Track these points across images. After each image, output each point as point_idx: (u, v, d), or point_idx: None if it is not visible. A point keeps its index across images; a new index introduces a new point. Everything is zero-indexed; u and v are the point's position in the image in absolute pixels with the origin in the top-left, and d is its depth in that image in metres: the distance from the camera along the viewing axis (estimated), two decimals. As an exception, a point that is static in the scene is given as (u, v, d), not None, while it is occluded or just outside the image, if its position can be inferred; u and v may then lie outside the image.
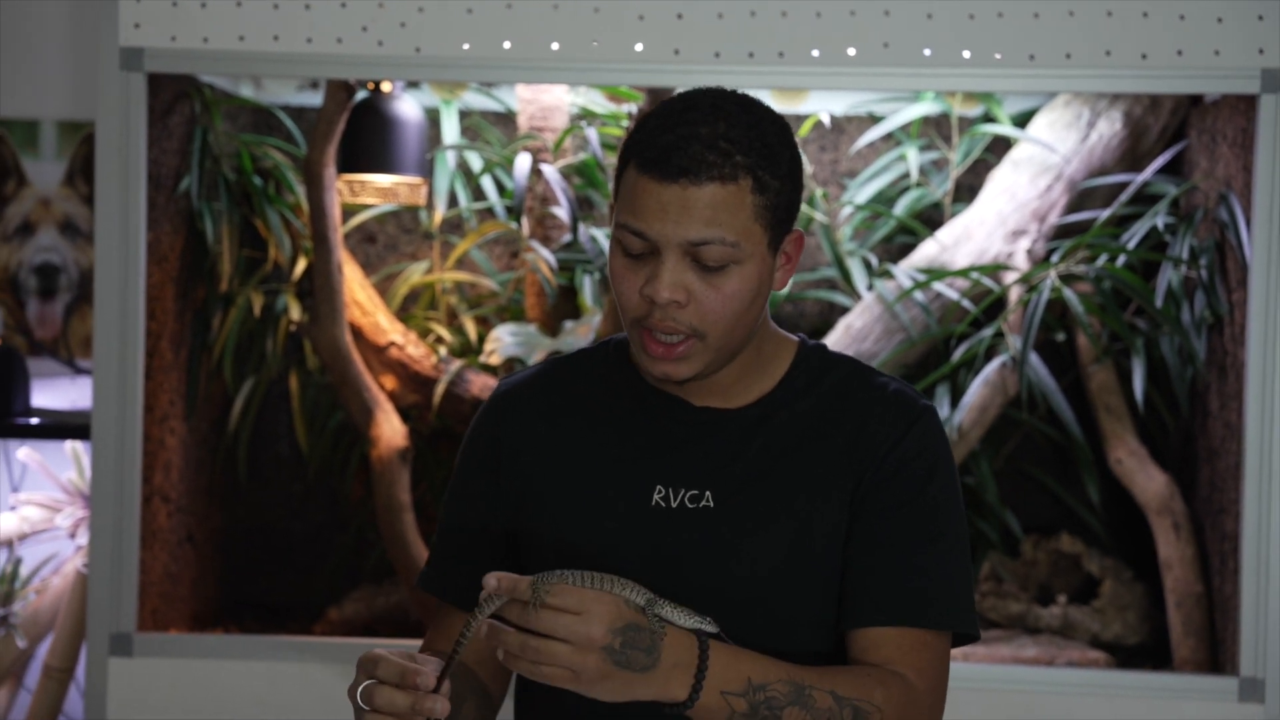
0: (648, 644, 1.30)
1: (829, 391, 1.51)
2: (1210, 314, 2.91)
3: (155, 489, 2.96)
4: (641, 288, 1.41)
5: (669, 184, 1.38)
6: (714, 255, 1.39)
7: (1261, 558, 2.59)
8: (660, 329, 1.41)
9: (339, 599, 3.17)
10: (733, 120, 1.40)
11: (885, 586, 1.44)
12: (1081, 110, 3.13)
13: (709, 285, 1.40)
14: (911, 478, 1.46)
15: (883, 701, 1.38)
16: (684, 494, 1.47)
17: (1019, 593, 3.11)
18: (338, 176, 3.01)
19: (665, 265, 1.40)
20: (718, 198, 1.38)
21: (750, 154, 1.39)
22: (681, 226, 1.38)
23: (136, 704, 2.71)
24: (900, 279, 3.08)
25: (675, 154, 1.38)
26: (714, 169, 1.38)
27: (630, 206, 1.40)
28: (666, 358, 1.42)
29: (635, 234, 1.40)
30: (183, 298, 3.06)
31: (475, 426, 1.58)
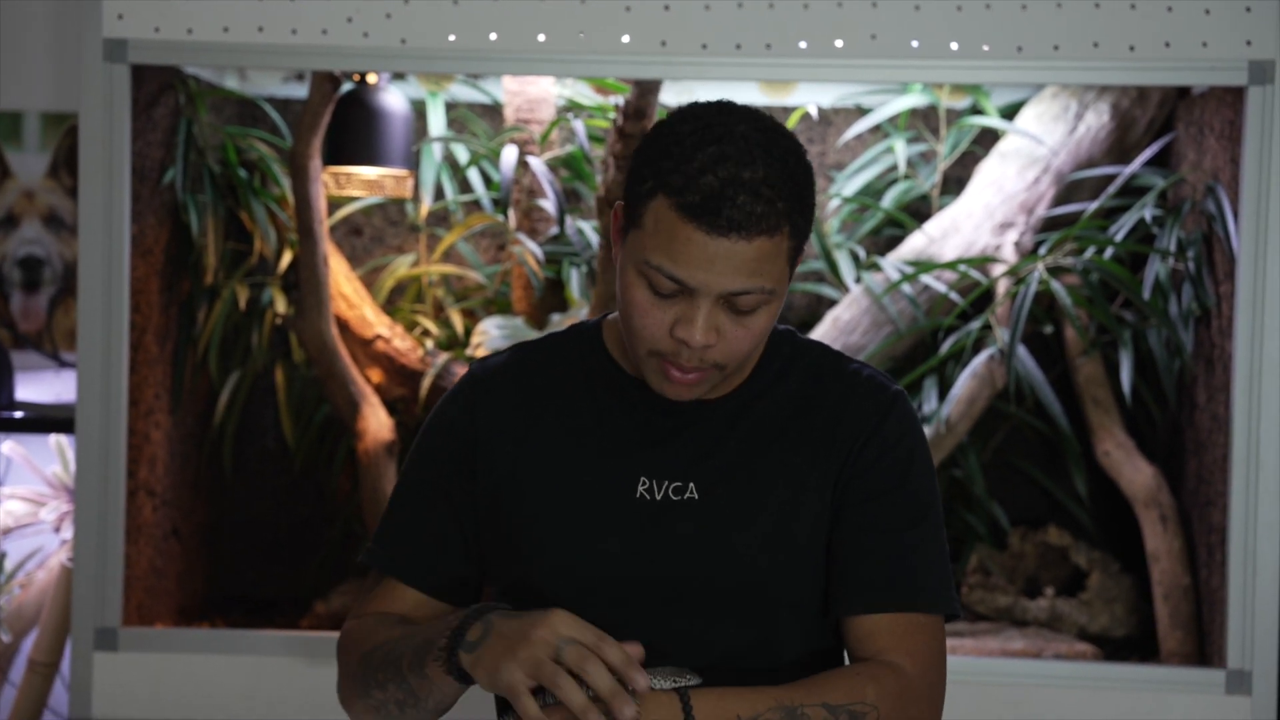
0: None
1: (803, 379, 1.52)
2: (1197, 306, 2.91)
3: (140, 483, 2.95)
4: (672, 329, 1.39)
5: (718, 238, 1.35)
6: (750, 302, 1.39)
7: (1249, 550, 2.59)
8: (685, 367, 1.41)
9: (326, 593, 3.16)
10: (770, 160, 1.36)
11: (876, 573, 1.46)
12: (1069, 102, 3.12)
13: (738, 325, 1.40)
14: (893, 465, 1.48)
15: (876, 698, 1.39)
16: (668, 486, 1.47)
17: (1006, 585, 3.11)
18: (323, 169, 2.99)
19: (701, 311, 1.38)
20: (763, 250, 1.37)
21: (789, 199, 1.37)
22: (725, 279, 1.37)
23: (122, 699, 2.70)
24: (888, 271, 3.07)
25: (724, 205, 1.34)
26: (762, 221, 1.35)
27: (668, 251, 1.36)
28: (684, 384, 1.42)
29: (671, 279, 1.37)
30: (167, 291, 3.04)
31: (445, 411, 1.55)
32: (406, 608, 1.54)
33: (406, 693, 1.42)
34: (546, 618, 1.32)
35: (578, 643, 1.30)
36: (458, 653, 1.35)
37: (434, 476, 1.54)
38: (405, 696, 1.43)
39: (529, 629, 1.31)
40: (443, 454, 1.54)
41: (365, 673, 1.46)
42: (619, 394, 1.51)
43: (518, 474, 1.50)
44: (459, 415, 1.54)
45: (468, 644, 1.35)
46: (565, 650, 1.29)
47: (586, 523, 1.47)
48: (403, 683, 1.42)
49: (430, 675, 1.38)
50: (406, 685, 1.42)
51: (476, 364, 1.58)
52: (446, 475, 1.53)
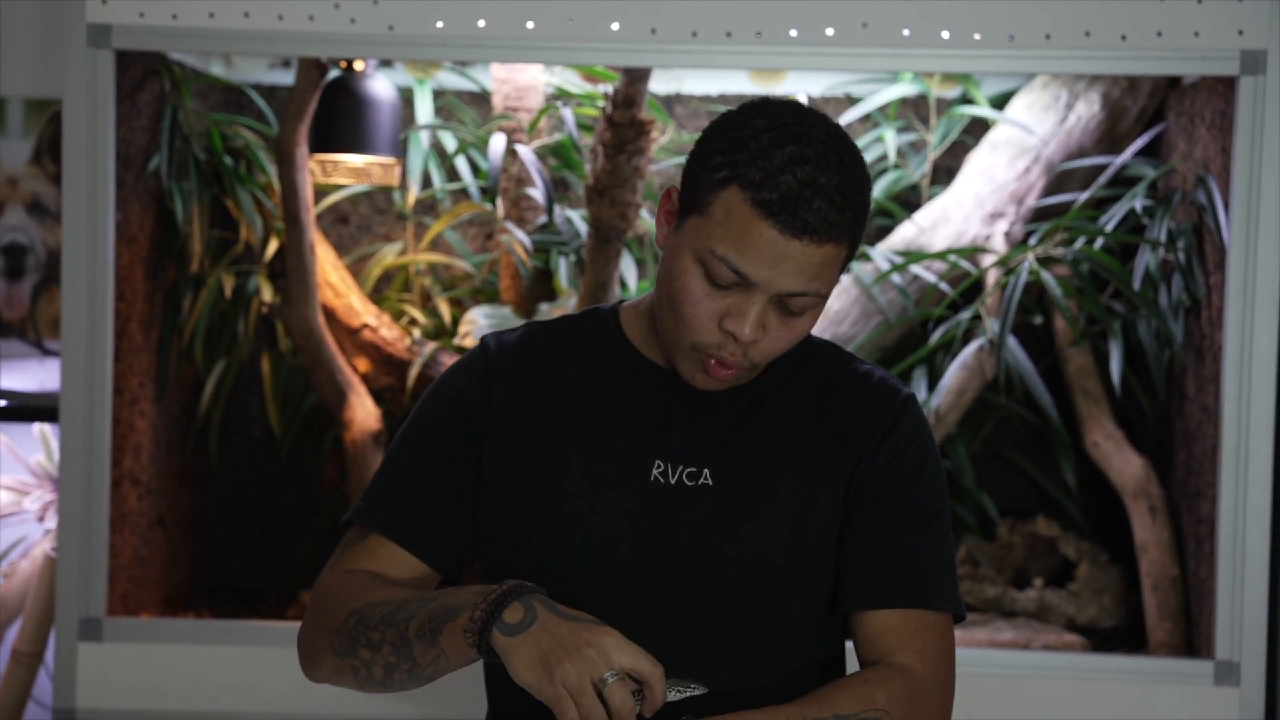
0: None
1: (817, 375, 1.53)
2: (1188, 297, 2.90)
3: (125, 472, 2.93)
4: (721, 319, 1.39)
5: (792, 239, 1.36)
6: (802, 304, 1.40)
7: (1238, 541, 2.59)
8: (727, 362, 1.41)
9: (312, 583, 3.15)
10: (844, 168, 1.37)
11: (888, 570, 1.47)
12: (1060, 92, 3.11)
13: (784, 325, 1.41)
14: (906, 466, 1.50)
15: (887, 702, 1.40)
16: (682, 470, 1.47)
17: (995, 576, 3.10)
18: (310, 156, 2.97)
19: (755, 306, 1.39)
20: (828, 257, 1.38)
21: (856, 209, 1.38)
22: (788, 279, 1.37)
23: (107, 689, 2.69)
24: (878, 261, 3.06)
25: (801, 207, 1.35)
26: (834, 229, 1.36)
27: (736, 243, 1.36)
28: (720, 378, 1.43)
29: (735, 271, 1.37)
30: (152, 279, 3.02)
31: (454, 381, 1.53)
32: (390, 569, 1.49)
33: (402, 656, 1.38)
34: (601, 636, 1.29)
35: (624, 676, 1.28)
36: (492, 629, 1.31)
37: (437, 443, 1.51)
38: (399, 660, 1.39)
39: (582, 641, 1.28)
40: (450, 422, 1.51)
41: (353, 630, 1.41)
42: (637, 378, 1.51)
43: (530, 449, 1.49)
44: (470, 385, 1.52)
45: (506, 625, 1.31)
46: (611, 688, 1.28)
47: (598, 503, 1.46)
48: (403, 646, 1.38)
49: (444, 645, 1.35)
50: (407, 650, 1.37)
51: (490, 337, 1.56)
52: (451, 443, 1.50)
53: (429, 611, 1.36)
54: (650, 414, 1.49)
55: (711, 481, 1.46)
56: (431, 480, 1.51)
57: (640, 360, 1.51)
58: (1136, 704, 2.63)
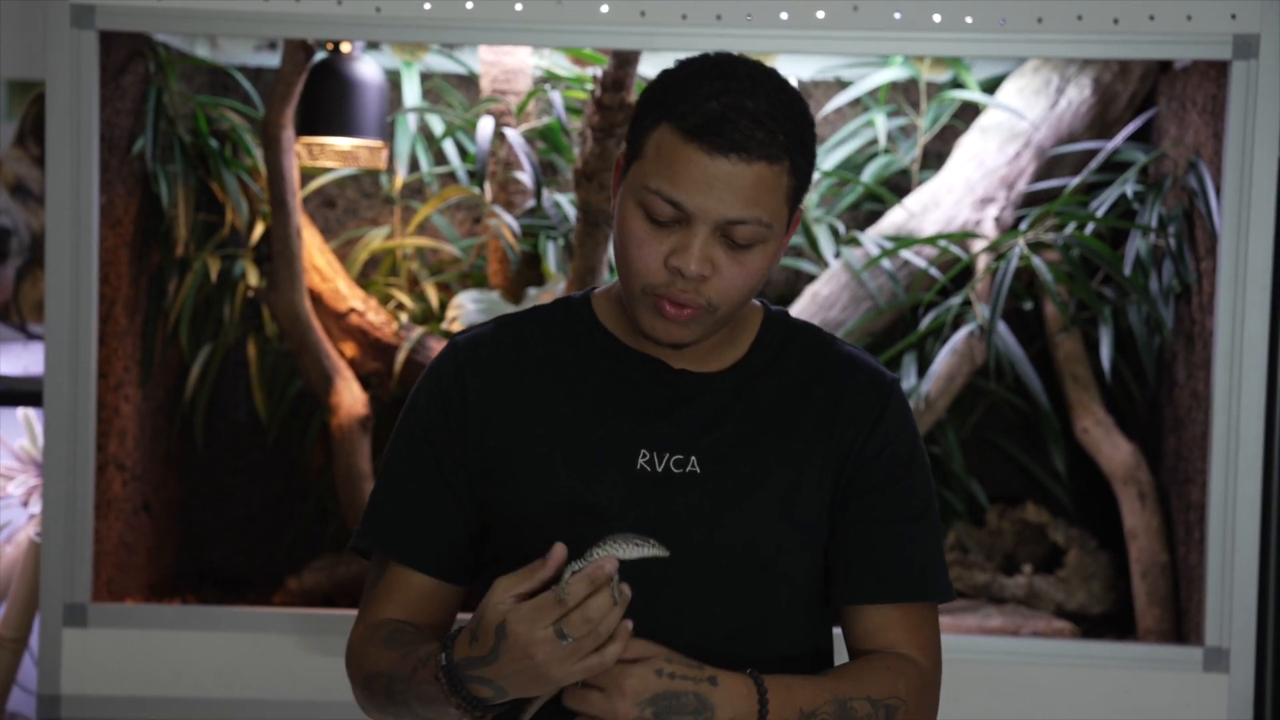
0: (693, 706, 1.32)
1: (799, 359, 1.51)
2: (1178, 283, 2.89)
3: (110, 457, 2.91)
4: (667, 257, 1.38)
5: (719, 157, 1.35)
6: (746, 234, 1.38)
7: (1228, 527, 2.58)
8: (679, 299, 1.39)
9: (299, 569, 3.13)
10: (772, 96, 1.38)
11: (885, 564, 1.47)
12: (1050, 76, 3.10)
13: (734, 262, 1.39)
14: (897, 456, 1.49)
15: (905, 693, 1.43)
16: (669, 458, 1.46)
17: (984, 562, 3.10)
18: (296, 139, 2.95)
19: (697, 238, 1.37)
20: (763, 178, 1.36)
21: (790, 134, 1.38)
22: (724, 203, 1.36)
23: (91, 675, 2.68)
24: (868, 246, 3.05)
25: (726, 125, 1.35)
26: (764, 147, 1.36)
27: (667, 173, 1.37)
28: (677, 320, 1.41)
29: (670, 202, 1.37)
30: (137, 262, 3.00)
31: (433, 382, 1.51)
32: (410, 596, 1.49)
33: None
34: (514, 642, 1.29)
35: (557, 621, 1.28)
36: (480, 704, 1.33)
37: (426, 452, 1.50)
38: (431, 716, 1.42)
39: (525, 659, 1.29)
40: (432, 429, 1.50)
41: (375, 705, 1.46)
42: (616, 365, 1.49)
43: (511, 445, 1.47)
44: (446, 387, 1.50)
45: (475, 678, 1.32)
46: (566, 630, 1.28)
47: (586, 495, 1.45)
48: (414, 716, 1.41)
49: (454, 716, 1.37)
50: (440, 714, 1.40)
51: (458, 335, 1.55)
52: (439, 450, 1.49)
53: (416, 693, 1.38)
54: (632, 401, 1.47)
55: (699, 469, 1.45)
56: (427, 494, 1.49)
57: (617, 345, 1.49)
58: (1125, 690, 2.62)
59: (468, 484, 1.49)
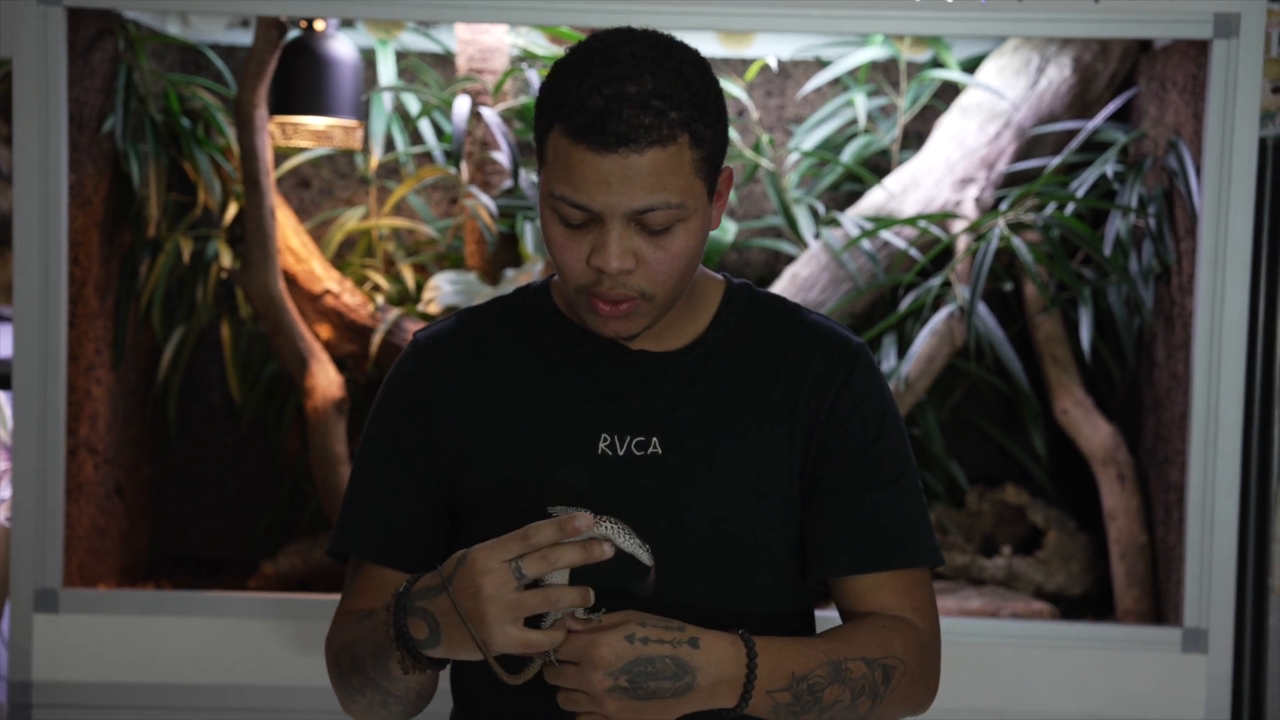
0: (671, 671, 1.29)
1: (762, 330, 1.49)
2: (1158, 263, 2.88)
3: (81, 440, 2.88)
4: (588, 258, 1.36)
5: (608, 154, 1.32)
6: (660, 219, 1.35)
7: (1206, 508, 2.58)
8: (610, 296, 1.37)
9: (274, 553, 3.11)
10: (658, 72, 1.34)
11: (865, 532, 1.45)
12: (1031, 56, 3.08)
13: (656, 247, 1.37)
14: (866, 421, 1.46)
15: (902, 652, 1.41)
16: (630, 441, 1.44)
17: (963, 544, 3.09)
18: (269, 118, 2.92)
19: (611, 235, 1.35)
20: (659, 162, 1.33)
21: (683, 108, 1.34)
22: (625, 197, 1.34)
23: (63, 662, 2.65)
24: (847, 227, 3.03)
25: (609, 120, 1.32)
26: (653, 131, 1.32)
27: (566, 177, 1.35)
28: (614, 316, 1.39)
29: (575, 206, 1.35)
30: (108, 243, 2.97)
31: (396, 381, 1.51)
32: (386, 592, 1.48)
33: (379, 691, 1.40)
34: (470, 566, 1.29)
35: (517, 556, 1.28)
36: (412, 644, 1.33)
37: (394, 452, 1.49)
38: (383, 696, 1.41)
39: (472, 586, 1.28)
40: (397, 425, 1.49)
41: (342, 680, 1.45)
42: (575, 350, 1.47)
43: (474, 437, 1.46)
44: (409, 383, 1.49)
45: (418, 610, 1.32)
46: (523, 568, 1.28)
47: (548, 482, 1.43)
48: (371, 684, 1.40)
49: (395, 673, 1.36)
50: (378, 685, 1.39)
51: (420, 333, 1.54)
52: (407, 448, 1.48)
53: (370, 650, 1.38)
54: (592, 386, 1.46)
55: (661, 450, 1.43)
56: (398, 494, 1.48)
57: (575, 331, 1.48)
58: (1104, 671, 2.62)
59: (436, 480, 1.48)
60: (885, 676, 1.39)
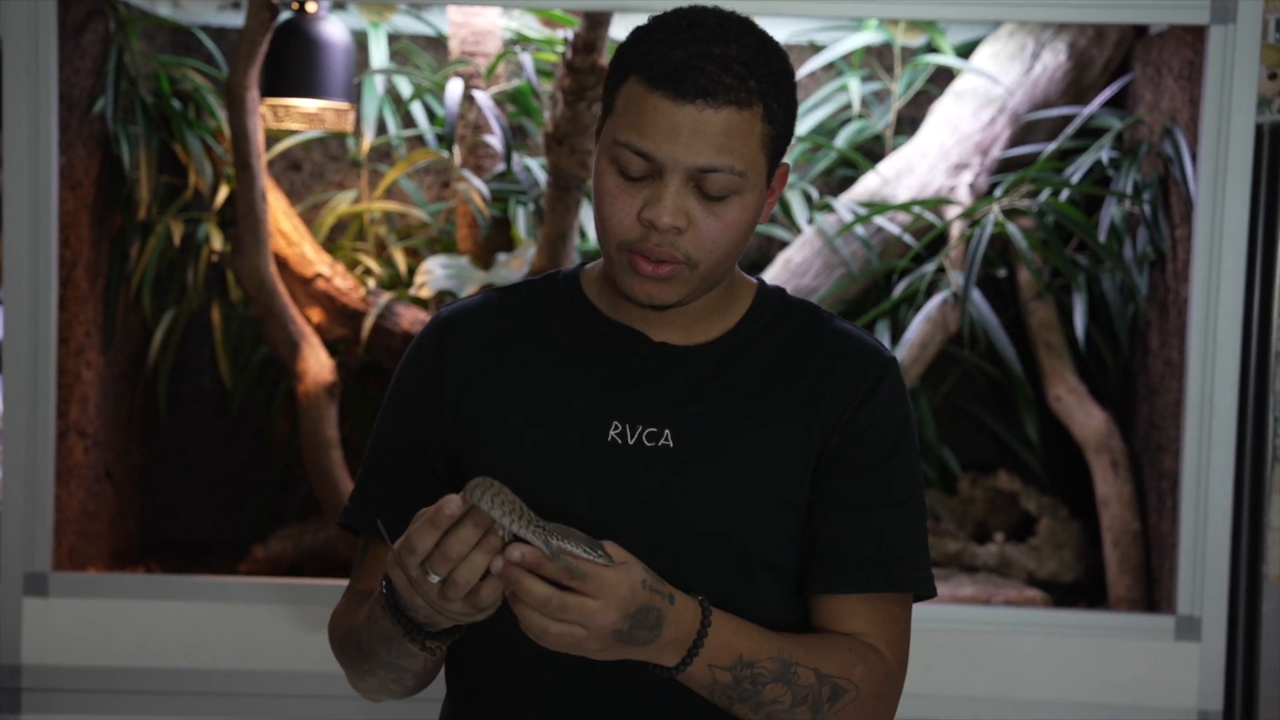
0: (653, 621, 1.28)
1: (790, 333, 1.47)
2: (1153, 250, 2.88)
3: (71, 423, 2.86)
4: (640, 211, 1.34)
5: (684, 104, 1.32)
6: (720, 184, 1.34)
7: (1200, 495, 2.57)
8: (654, 254, 1.35)
9: (264, 537, 3.10)
10: (743, 42, 1.34)
11: (859, 552, 1.41)
12: (1025, 41, 3.07)
13: (710, 214, 1.35)
14: (883, 437, 1.43)
15: (861, 679, 1.37)
16: (642, 431, 1.41)
17: (956, 531, 3.09)
18: (261, 101, 2.90)
19: (669, 189, 1.34)
20: (732, 123, 1.32)
21: (762, 80, 1.34)
22: (693, 151, 1.32)
23: (52, 645, 2.64)
24: (841, 213, 3.02)
25: (691, 72, 1.31)
26: (731, 92, 1.32)
27: (635, 124, 1.33)
28: (655, 277, 1.37)
29: (639, 154, 1.33)
30: (99, 225, 2.95)
31: (414, 354, 1.49)
32: None
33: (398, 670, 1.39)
34: (392, 590, 1.29)
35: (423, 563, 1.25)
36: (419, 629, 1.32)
37: (405, 426, 1.47)
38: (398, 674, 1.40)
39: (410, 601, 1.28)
40: (411, 400, 1.48)
41: (351, 665, 1.44)
42: (597, 337, 1.45)
43: (486, 414, 1.44)
44: (426, 357, 1.48)
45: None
46: (433, 572, 1.25)
47: (554, 466, 1.41)
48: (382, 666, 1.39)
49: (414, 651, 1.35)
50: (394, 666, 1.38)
51: (444, 308, 1.53)
52: (418, 427, 1.47)
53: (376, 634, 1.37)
54: (608, 372, 1.43)
55: (672, 443, 1.40)
56: (409, 472, 1.47)
57: (598, 317, 1.46)
58: (1097, 659, 2.62)
59: (446, 460, 1.46)
60: (833, 695, 1.35)
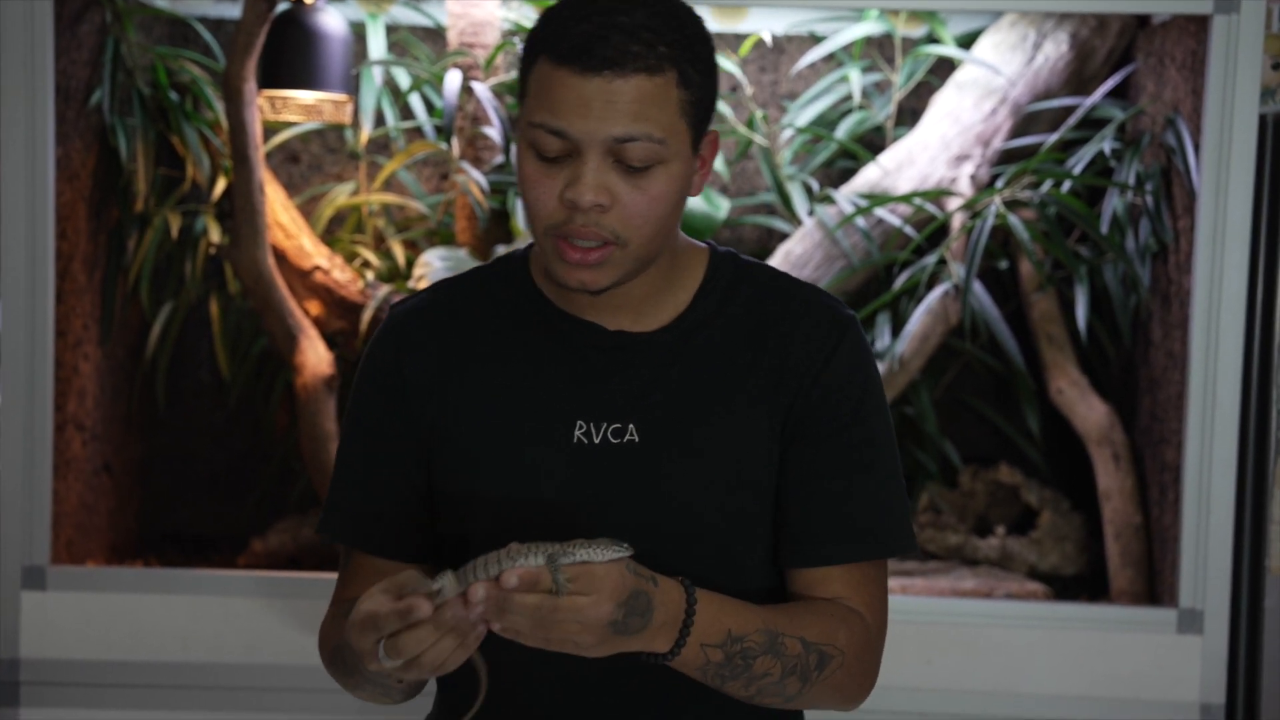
0: (644, 606, 1.26)
1: (748, 304, 1.43)
2: (1155, 241, 2.86)
3: (69, 416, 2.85)
4: (561, 192, 1.31)
5: (591, 76, 1.28)
6: (639, 154, 1.30)
7: (1203, 488, 2.56)
8: (580, 235, 1.32)
9: (263, 530, 3.09)
10: (653, 8, 1.31)
11: (829, 524, 1.39)
12: (1027, 32, 3.06)
13: (633, 187, 1.31)
14: (844, 401, 1.40)
15: (845, 643, 1.36)
16: (606, 428, 1.38)
17: (957, 524, 3.08)
18: (258, 92, 2.88)
19: (588, 166, 1.30)
20: (644, 91, 1.29)
21: (674, 45, 1.31)
22: (606, 122, 1.29)
23: (50, 639, 2.63)
24: (841, 204, 3.01)
25: (597, 44, 1.28)
26: (639, 59, 1.29)
27: (546, 103, 1.30)
28: (584, 264, 1.33)
29: (553, 133, 1.30)
30: (96, 217, 2.94)
31: (371, 357, 1.46)
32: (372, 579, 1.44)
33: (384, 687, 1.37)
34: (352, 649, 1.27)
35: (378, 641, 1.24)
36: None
37: (374, 434, 1.45)
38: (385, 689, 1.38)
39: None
40: (376, 407, 1.45)
41: (341, 678, 1.42)
42: (550, 329, 1.42)
43: (450, 422, 1.42)
44: (385, 368, 1.45)
45: None
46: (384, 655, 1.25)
47: (522, 472, 1.39)
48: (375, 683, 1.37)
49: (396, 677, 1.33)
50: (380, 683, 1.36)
51: (395, 306, 1.49)
52: (384, 429, 1.44)
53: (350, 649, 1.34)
54: (567, 368, 1.40)
55: (638, 438, 1.37)
56: (378, 478, 1.45)
57: (551, 310, 1.42)
58: (1099, 652, 2.61)
59: (416, 461, 1.44)
60: (820, 662, 1.34)
